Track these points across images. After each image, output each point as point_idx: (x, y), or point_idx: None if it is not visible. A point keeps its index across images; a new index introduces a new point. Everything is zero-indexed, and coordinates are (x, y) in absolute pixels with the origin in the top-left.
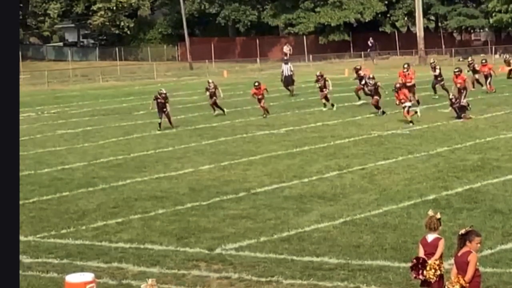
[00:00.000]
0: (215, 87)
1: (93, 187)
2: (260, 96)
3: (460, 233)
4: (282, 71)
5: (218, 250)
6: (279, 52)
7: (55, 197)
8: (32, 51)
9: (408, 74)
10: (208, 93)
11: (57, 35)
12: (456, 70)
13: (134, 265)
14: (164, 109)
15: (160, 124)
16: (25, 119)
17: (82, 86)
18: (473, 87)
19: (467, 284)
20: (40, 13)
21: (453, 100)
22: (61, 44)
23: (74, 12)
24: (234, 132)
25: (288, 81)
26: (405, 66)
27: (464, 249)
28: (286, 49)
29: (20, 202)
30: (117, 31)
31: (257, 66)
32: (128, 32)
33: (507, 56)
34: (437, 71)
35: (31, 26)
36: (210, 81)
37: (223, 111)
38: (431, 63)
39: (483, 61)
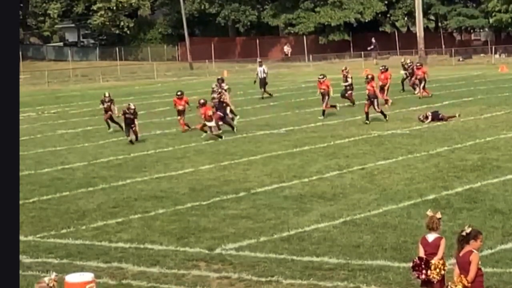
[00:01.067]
0: (111, 102)
1: (93, 187)
2: (181, 107)
3: (461, 233)
4: (257, 73)
5: (218, 250)
6: (279, 52)
7: (55, 197)
8: (32, 51)
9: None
10: (102, 106)
11: (57, 35)
12: (367, 77)
13: (134, 265)
14: (132, 125)
15: (131, 140)
16: (26, 119)
17: (83, 86)
18: (414, 89)
19: (470, 284)
20: (40, 13)
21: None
22: (61, 44)
23: (74, 12)
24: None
25: (262, 83)
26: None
27: (466, 249)
28: (286, 48)
29: (20, 202)
30: (117, 31)
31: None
32: (128, 32)
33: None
34: (349, 81)
35: (31, 26)
36: (107, 94)
37: (121, 127)
38: (343, 70)
39: (418, 64)
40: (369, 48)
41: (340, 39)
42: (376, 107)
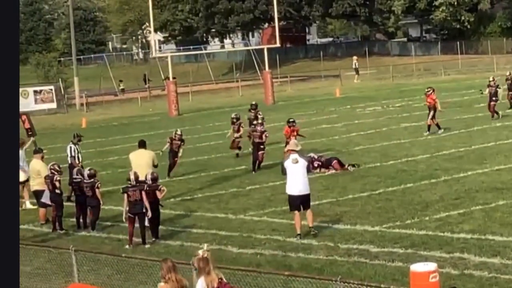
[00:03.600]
0: (181, 141)
1: (435, 178)
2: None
3: None
4: None
5: None
6: None
7: (400, 188)
8: (378, 47)
9: None
10: (168, 145)
11: (401, 31)
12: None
13: (476, 256)
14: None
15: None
16: (372, 113)
17: (425, 80)
18: None
19: None
20: (385, 10)
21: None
22: (405, 39)
23: (417, 8)
24: None
25: None
26: None
27: None
28: None
29: (367, 193)
30: (458, 26)
31: None
32: (469, 26)
33: None
34: None
35: (377, 23)
36: (179, 132)
37: (168, 174)
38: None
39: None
40: None
41: None
42: None
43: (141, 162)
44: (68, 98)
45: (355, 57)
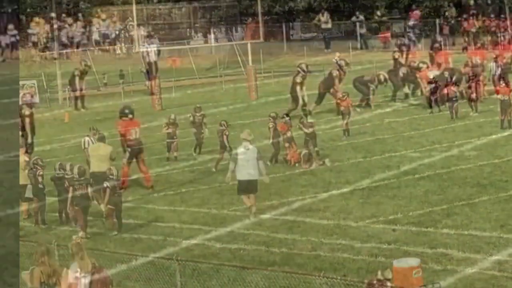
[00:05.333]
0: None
1: (419, 174)
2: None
3: None
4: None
5: None
6: None
7: (383, 183)
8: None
9: None
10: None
11: (385, 26)
12: None
13: (459, 251)
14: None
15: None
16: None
17: None
18: None
19: None
20: (369, 5)
21: None
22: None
23: (401, 3)
24: None
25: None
26: None
27: None
28: None
29: (351, 189)
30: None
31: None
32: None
33: None
34: None
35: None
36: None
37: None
38: None
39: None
40: None
41: None
42: None
43: (100, 156)
44: (51, 92)
45: (337, 53)
